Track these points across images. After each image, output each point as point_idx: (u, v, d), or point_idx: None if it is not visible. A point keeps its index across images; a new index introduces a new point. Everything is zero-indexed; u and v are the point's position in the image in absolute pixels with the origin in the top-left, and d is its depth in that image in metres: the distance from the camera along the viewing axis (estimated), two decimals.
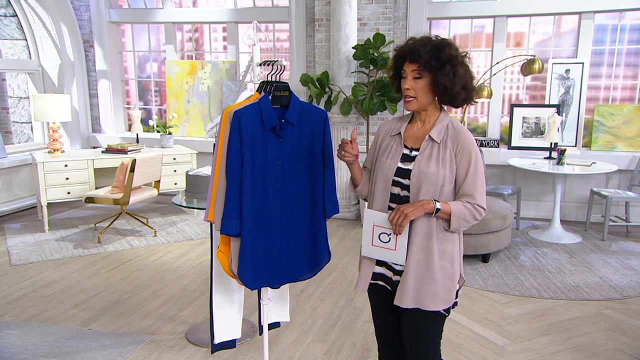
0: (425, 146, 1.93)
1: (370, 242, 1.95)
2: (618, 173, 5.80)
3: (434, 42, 1.88)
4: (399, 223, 1.85)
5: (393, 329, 2.13)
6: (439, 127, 1.94)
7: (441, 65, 1.85)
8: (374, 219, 1.92)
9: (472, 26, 6.42)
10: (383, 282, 2.05)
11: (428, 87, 1.89)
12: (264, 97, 2.05)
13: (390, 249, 1.92)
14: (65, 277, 4.39)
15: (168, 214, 6.41)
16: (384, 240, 1.92)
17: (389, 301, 2.04)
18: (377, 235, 1.92)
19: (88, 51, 7.57)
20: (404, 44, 1.93)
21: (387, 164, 1.98)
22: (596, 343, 3.29)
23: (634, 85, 6.06)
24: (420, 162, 1.91)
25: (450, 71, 1.85)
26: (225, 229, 2.01)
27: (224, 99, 7.10)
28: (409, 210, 1.84)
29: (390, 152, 1.99)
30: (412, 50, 1.87)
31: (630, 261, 4.73)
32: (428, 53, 1.85)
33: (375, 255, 1.96)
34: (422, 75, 1.87)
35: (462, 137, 1.91)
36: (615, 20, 6.00)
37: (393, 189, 1.96)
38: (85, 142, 7.56)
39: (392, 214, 1.87)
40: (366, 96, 5.68)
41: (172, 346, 3.25)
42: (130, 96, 7.94)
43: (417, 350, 2.01)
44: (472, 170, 1.89)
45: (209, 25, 7.41)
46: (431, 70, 1.86)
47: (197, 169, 3.38)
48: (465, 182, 1.90)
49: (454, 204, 1.88)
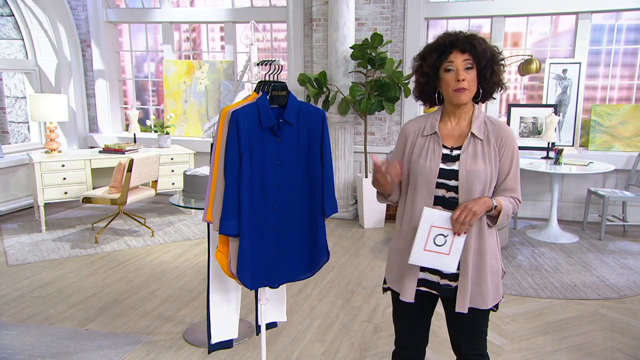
0: (468, 144, 1.88)
1: (424, 246, 1.81)
2: (615, 173, 5.81)
3: (479, 37, 1.86)
4: (467, 221, 1.78)
5: (424, 333, 2.11)
6: (477, 123, 1.90)
7: (492, 55, 1.85)
8: (432, 219, 1.79)
9: (470, 26, 6.41)
10: (426, 287, 1.97)
11: (475, 81, 1.86)
12: (261, 97, 2.05)
13: (444, 253, 1.81)
14: (62, 277, 4.38)
15: (165, 214, 6.40)
16: (439, 243, 1.80)
17: (432, 306, 2.03)
18: (432, 238, 1.80)
19: (85, 51, 7.55)
20: (446, 38, 1.87)
21: (427, 166, 1.89)
22: (593, 342, 3.30)
23: (630, 85, 6.07)
24: (466, 161, 1.86)
25: (496, 66, 1.86)
26: (223, 229, 2.01)
27: (221, 98, 7.10)
28: (476, 207, 1.78)
29: (428, 154, 1.91)
30: (467, 39, 1.83)
31: (627, 261, 4.74)
32: (481, 44, 1.83)
33: (424, 262, 1.85)
34: (473, 66, 1.84)
35: (503, 131, 1.89)
36: (612, 20, 6.02)
37: (437, 192, 1.89)
38: (82, 142, 7.55)
39: (458, 211, 1.78)
40: (364, 96, 5.68)
41: (170, 346, 3.25)
42: (127, 96, 7.92)
43: (473, 347, 2.01)
44: (514, 164, 1.88)
45: (206, 25, 7.40)
46: (485, 59, 1.83)
47: (195, 168, 3.37)
48: (508, 177, 1.88)
49: (503, 200, 1.85)
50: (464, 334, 2.02)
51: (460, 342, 2.05)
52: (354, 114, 6.07)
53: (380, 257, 4.90)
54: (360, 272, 4.51)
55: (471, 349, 2.03)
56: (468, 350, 2.03)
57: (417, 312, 2.05)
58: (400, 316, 2.10)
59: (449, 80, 1.85)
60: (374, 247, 5.19)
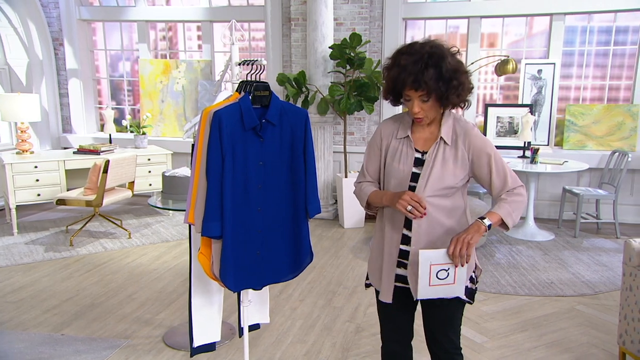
0: (435, 148, 1.90)
1: (428, 283, 1.81)
2: (588, 171, 5.93)
3: (435, 59, 1.76)
4: (463, 254, 1.78)
5: (408, 328, 2.15)
6: (445, 127, 1.91)
7: (447, 85, 1.79)
8: (431, 259, 1.79)
9: (447, 27, 6.48)
10: (401, 282, 2.00)
11: (437, 103, 1.85)
12: (244, 97, 2.02)
13: (449, 283, 1.82)
14: (35, 281, 4.27)
15: (142, 215, 6.30)
16: (442, 277, 1.81)
17: (413, 302, 2.05)
18: (434, 274, 1.80)
19: (57, 49, 7.39)
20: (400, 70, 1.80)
21: (400, 169, 1.92)
22: (570, 338, 3.36)
23: (602, 86, 6.21)
24: (430, 165, 1.89)
25: (458, 85, 1.81)
26: (206, 231, 1.98)
27: (199, 98, 7.02)
28: (469, 237, 1.79)
29: (402, 157, 1.93)
30: (415, 79, 1.77)
31: (601, 257, 4.84)
32: (432, 78, 1.76)
33: (432, 295, 1.85)
34: (429, 97, 1.82)
35: (471, 137, 1.89)
36: (585, 22, 6.14)
37: None
38: (55, 143, 7.38)
39: (452, 246, 1.79)
40: (343, 96, 5.68)
41: (149, 350, 3.19)
42: (102, 96, 7.78)
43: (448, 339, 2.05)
44: (493, 163, 1.89)
45: (183, 24, 7.30)
46: (439, 91, 1.79)
47: (174, 169, 3.32)
48: (492, 177, 1.89)
49: (499, 209, 1.87)
50: (440, 323, 2.05)
51: (434, 335, 2.08)
52: (333, 114, 6.07)
53: (360, 256, 4.90)
54: (341, 272, 4.51)
55: (446, 341, 2.06)
56: (443, 344, 2.06)
57: (398, 309, 2.08)
58: (383, 312, 2.15)
59: (408, 106, 1.88)
60: (355, 247, 5.19)
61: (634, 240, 2.83)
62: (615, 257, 4.82)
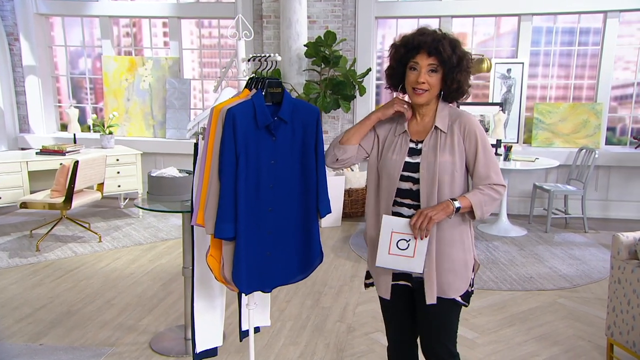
0: (430, 136, 1.91)
1: (387, 250, 1.87)
2: (556, 168, 6.10)
3: (450, 38, 1.88)
4: (424, 227, 1.81)
5: (412, 328, 2.11)
6: (441, 115, 1.93)
7: (459, 62, 1.85)
8: (393, 226, 1.86)
9: (418, 26, 6.51)
10: (405, 281, 2.00)
11: (440, 82, 1.88)
12: (256, 93, 1.95)
13: (408, 256, 1.86)
14: (3, 289, 4.03)
15: (111, 218, 6.07)
16: (402, 247, 1.86)
17: (411, 299, 2.02)
18: (394, 243, 1.86)
19: (13, 45, 7.03)
20: (417, 36, 1.88)
21: (393, 159, 1.93)
22: (557, 331, 3.44)
23: (567, 85, 6.41)
24: (427, 153, 1.89)
25: (464, 68, 1.87)
26: (219, 233, 1.89)
27: (167, 96, 6.82)
28: (432, 213, 1.82)
29: (396, 148, 1.95)
30: (434, 42, 1.83)
31: (573, 251, 4.99)
32: (448, 48, 1.83)
33: (390, 265, 1.90)
34: (437, 69, 1.86)
35: (465, 120, 1.91)
36: (550, 22, 6.33)
37: (404, 185, 1.92)
38: (12, 143, 7.01)
39: (415, 218, 1.83)
40: (319, 94, 5.64)
41: (137, 357, 3.06)
42: (61, 94, 7.44)
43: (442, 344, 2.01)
44: (480, 150, 1.89)
45: (148, 20, 7.07)
46: (449, 65, 1.84)
47: (161, 170, 3.20)
48: (478, 164, 1.89)
49: (472, 195, 1.87)
50: (433, 328, 2.01)
51: (430, 339, 2.03)
52: None
53: (341, 255, 4.88)
54: (324, 272, 4.46)
55: (441, 349, 2.02)
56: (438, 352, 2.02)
57: (399, 307, 2.07)
58: (386, 312, 2.14)
59: (411, 78, 1.89)
60: (334, 246, 5.16)
61: (622, 234, 2.92)
62: (587, 251, 4.99)
